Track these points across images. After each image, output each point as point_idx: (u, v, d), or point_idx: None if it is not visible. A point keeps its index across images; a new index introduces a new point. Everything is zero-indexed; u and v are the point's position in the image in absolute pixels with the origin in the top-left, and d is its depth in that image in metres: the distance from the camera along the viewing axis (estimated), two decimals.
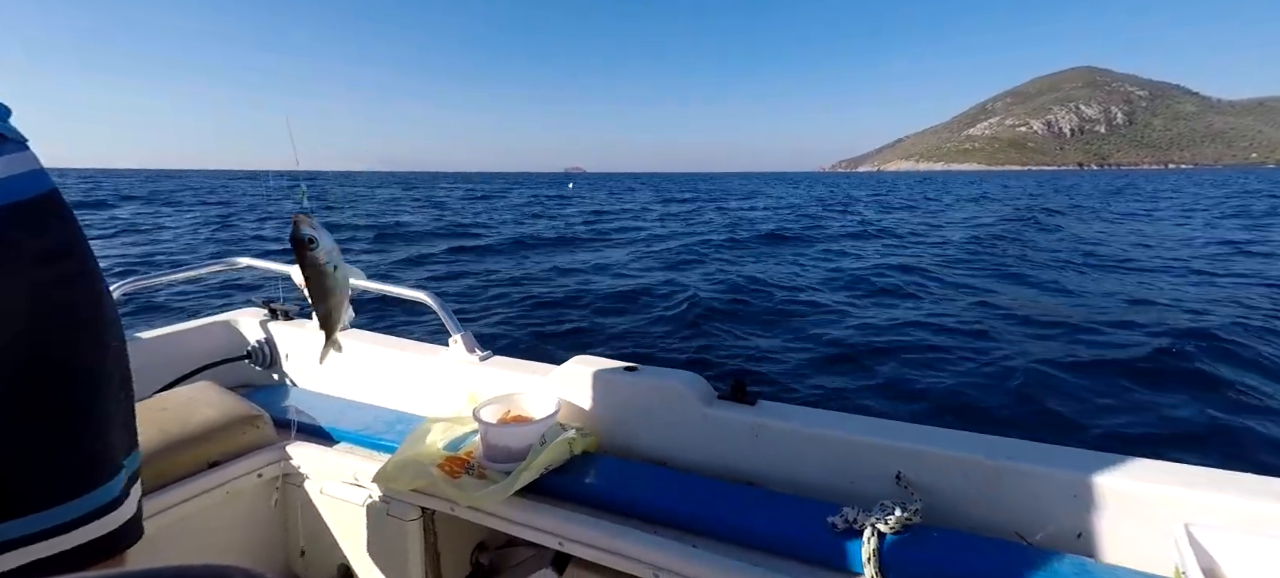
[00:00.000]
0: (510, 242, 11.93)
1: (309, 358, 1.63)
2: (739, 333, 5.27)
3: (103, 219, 15.60)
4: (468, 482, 1.07)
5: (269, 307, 1.75)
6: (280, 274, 1.62)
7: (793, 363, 4.46)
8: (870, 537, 0.88)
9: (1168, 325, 5.10)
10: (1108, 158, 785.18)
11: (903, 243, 12.42)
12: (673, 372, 1.22)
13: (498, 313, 6.05)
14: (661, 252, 10.68)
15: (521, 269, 8.71)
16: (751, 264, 9.35)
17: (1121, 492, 0.85)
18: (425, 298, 1.43)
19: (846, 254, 10.70)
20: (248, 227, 14.90)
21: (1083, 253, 10.32)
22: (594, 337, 5.27)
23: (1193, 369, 4.00)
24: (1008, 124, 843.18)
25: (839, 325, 5.47)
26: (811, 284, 7.72)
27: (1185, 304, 6.16)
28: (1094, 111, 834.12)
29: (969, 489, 0.95)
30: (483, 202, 27.97)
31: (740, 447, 1.12)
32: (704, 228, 15.41)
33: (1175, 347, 4.38)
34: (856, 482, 1.03)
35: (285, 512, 1.30)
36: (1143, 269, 8.65)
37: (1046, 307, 6.28)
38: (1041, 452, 0.94)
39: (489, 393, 1.22)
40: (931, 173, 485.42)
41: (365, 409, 1.41)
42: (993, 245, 11.46)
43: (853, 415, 1.09)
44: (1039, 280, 7.84)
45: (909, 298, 6.82)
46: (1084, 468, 0.88)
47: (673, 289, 7.01)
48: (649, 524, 0.99)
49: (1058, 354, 4.46)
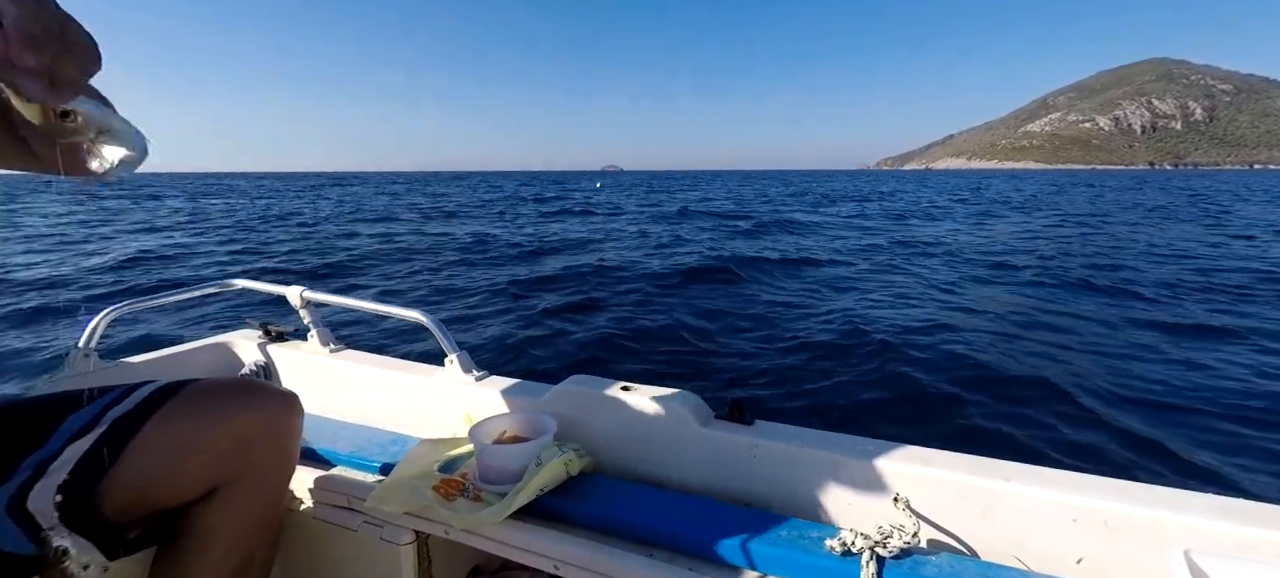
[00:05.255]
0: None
1: (306, 380, 1.74)
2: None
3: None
4: (463, 504, 1.14)
5: (265, 328, 1.87)
6: (276, 295, 1.74)
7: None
8: (868, 560, 0.94)
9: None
10: (1183, 157, 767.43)
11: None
12: (669, 390, 1.30)
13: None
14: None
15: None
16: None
17: (1122, 516, 0.91)
18: (421, 318, 1.53)
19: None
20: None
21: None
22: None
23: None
24: (1070, 120, 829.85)
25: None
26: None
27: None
28: (1169, 106, 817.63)
29: (967, 511, 1.01)
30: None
31: (738, 467, 1.19)
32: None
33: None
34: (854, 503, 1.09)
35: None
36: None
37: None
38: (1041, 475, 1.00)
39: (485, 413, 1.30)
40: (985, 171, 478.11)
41: (359, 430, 1.50)
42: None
43: (850, 436, 1.16)
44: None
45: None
46: (1084, 492, 0.94)
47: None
48: (646, 546, 1.06)
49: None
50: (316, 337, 1.79)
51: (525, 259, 10.96)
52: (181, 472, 0.96)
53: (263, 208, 25.65)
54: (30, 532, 0.85)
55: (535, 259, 10.91)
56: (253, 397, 1.05)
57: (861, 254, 11.62)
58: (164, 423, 0.95)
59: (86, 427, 0.91)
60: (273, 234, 15.36)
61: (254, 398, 1.04)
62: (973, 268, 9.95)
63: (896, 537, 0.95)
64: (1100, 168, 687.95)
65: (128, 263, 10.36)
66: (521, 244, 13.00)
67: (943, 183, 65.56)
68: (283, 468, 1.10)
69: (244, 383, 1.11)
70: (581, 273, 9.21)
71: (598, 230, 16.12)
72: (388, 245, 12.97)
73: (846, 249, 12.40)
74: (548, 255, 11.36)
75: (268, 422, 1.04)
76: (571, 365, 4.97)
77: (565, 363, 5.08)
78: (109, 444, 0.90)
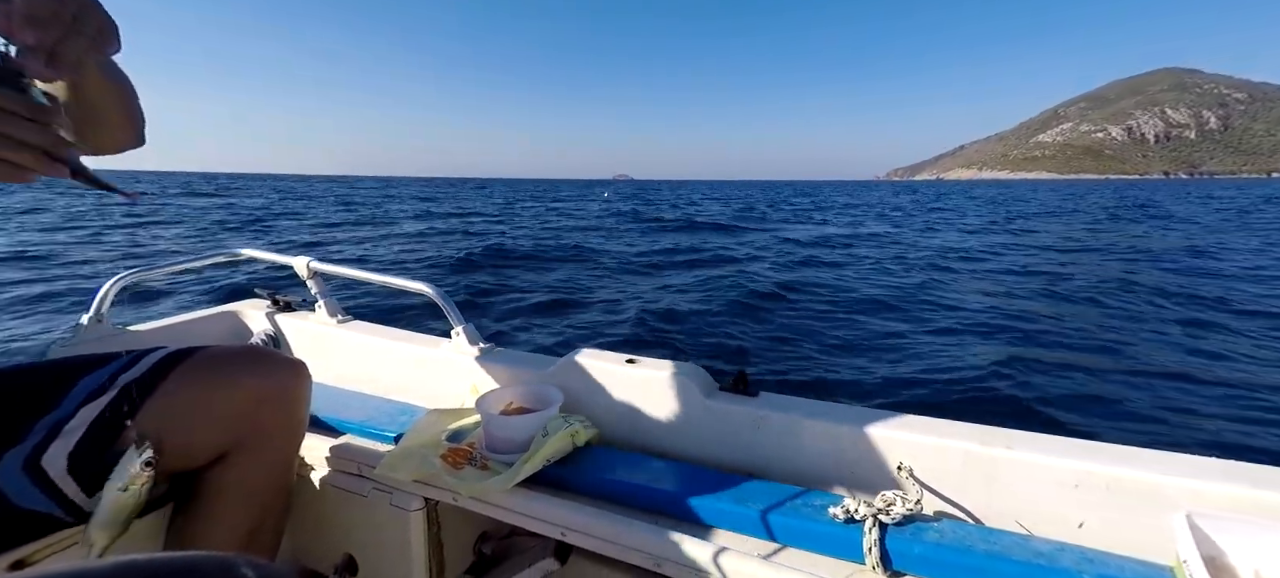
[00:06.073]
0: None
1: (314, 350, 1.77)
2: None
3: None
4: (470, 473, 1.18)
5: (273, 298, 1.90)
6: (285, 265, 1.77)
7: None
8: (872, 527, 0.96)
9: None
10: (1198, 166, 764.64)
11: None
12: (673, 363, 1.32)
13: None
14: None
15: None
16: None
17: (1123, 481, 0.93)
18: (427, 289, 1.55)
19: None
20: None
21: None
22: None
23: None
24: (1083, 130, 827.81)
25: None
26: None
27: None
28: (1182, 116, 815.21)
29: (970, 479, 1.03)
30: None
31: (742, 438, 1.22)
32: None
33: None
34: (857, 472, 1.12)
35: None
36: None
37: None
38: (1042, 442, 1.02)
39: (491, 384, 1.33)
40: (997, 182, 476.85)
41: (368, 400, 1.53)
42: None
43: (853, 406, 1.19)
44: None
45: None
46: (1085, 457, 0.96)
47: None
48: (651, 515, 1.09)
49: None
50: (324, 307, 1.82)
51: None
52: (192, 436, 1.00)
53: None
54: (47, 491, 0.88)
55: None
56: (261, 364, 1.08)
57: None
58: (174, 388, 0.98)
59: (99, 389, 0.95)
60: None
61: (262, 365, 1.08)
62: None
63: (899, 504, 0.97)
64: (1115, 177, 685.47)
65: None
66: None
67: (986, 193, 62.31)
68: (291, 433, 1.14)
69: (253, 350, 1.15)
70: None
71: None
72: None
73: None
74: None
75: (276, 388, 1.08)
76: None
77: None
78: (121, 408, 0.94)
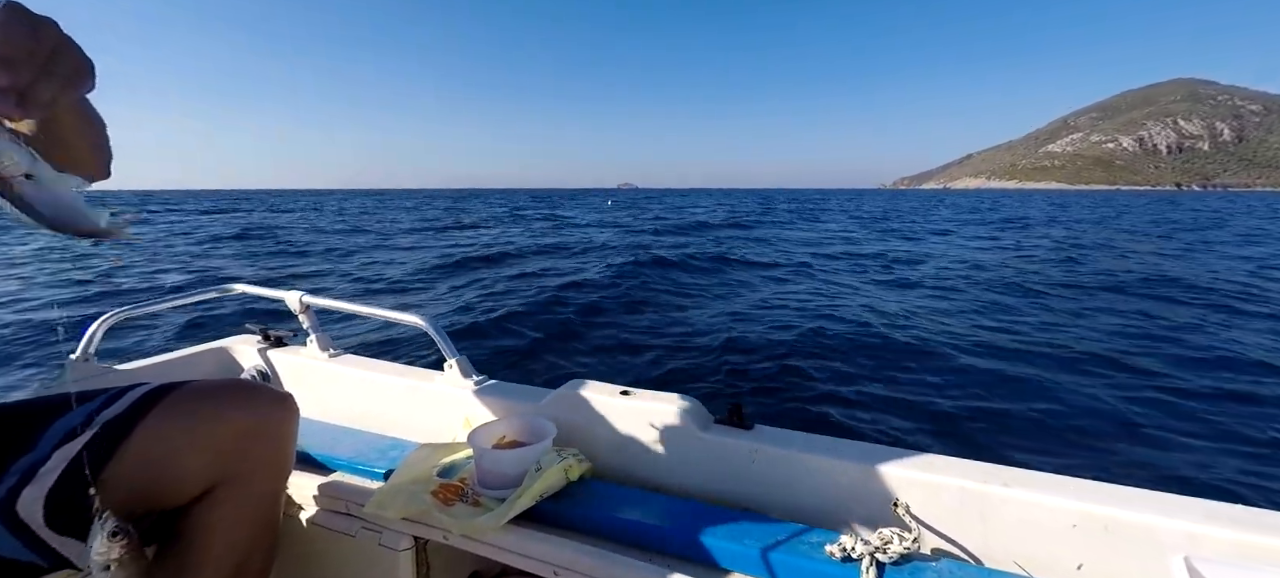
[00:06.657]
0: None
1: (305, 384, 1.77)
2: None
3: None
4: (461, 509, 1.16)
5: (264, 333, 1.90)
6: (275, 300, 1.77)
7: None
8: (868, 566, 0.95)
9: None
10: (1212, 178, 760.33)
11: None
12: (668, 395, 1.32)
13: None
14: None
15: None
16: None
17: (1121, 522, 0.91)
18: (421, 322, 1.56)
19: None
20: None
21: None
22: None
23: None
24: (1093, 140, 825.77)
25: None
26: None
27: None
28: (1195, 127, 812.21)
29: (966, 516, 1.02)
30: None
31: (737, 472, 1.21)
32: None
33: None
34: (854, 509, 1.10)
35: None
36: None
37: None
38: (1041, 480, 1.01)
39: (485, 417, 1.33)
40: (1005, 192, 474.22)
41: (359, 436, 1.53)
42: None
43: (850, 441, 1.18)
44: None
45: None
46: (1083, 497, 0.95)
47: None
48: (646, 552, 1.07)
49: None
50: (316, 341, 1.82)
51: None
52: (175, 472, 0.98)
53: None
54: (23, 538, 0.85)
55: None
56: (246, 397, 1.06)
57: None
58: (156, 424, 0.96)
59: (77, 430, 0.92)
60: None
61: (247, 398, 1.06)
62: None
63: (897, 542, 0.96)
64: (1126, 189, 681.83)
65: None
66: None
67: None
68: (278, 468, 1.12)
69: (238, 383, 1.14)
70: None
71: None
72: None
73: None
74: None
75: (262, 421, 1.06)
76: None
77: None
78: (100, 447, 0.91)
